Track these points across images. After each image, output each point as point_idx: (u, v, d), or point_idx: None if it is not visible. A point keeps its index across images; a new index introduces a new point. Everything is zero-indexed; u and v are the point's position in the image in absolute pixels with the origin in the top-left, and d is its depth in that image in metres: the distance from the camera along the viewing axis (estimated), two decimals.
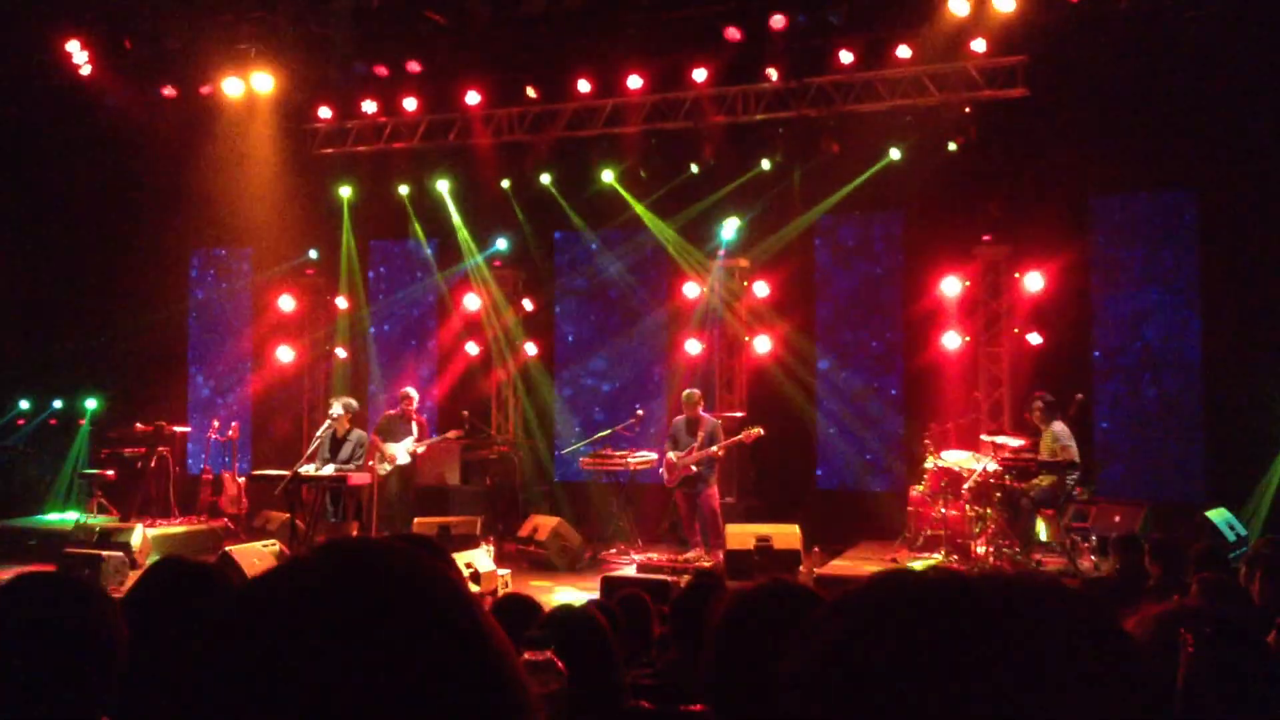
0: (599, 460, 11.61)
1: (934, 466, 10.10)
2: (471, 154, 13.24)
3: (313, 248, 14.57)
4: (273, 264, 14.72)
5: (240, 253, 15.37)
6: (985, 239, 11.72)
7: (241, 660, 0.80)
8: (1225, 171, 10.74)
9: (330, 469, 10.27)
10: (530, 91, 12.58)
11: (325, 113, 13.46)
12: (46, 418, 15.08)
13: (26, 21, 12.51)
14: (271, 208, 13.85)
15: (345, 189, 14.07)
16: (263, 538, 10.97)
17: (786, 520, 10.42)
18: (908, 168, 11.65)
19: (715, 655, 1.93)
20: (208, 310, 15.68)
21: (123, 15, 12.37)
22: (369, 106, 13.20)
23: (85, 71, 12.82)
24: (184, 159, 13.51)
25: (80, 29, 12.60)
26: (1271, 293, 10.37)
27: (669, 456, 10.80)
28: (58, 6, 12.46)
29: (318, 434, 10.55)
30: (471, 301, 13.75)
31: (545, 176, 13.13)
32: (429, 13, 11.73)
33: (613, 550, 11.52)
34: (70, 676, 1.80)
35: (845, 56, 11.29)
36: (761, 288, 12.63)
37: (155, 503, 12.86)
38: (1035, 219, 11.36)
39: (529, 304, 14.00)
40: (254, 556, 9.14)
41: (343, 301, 14.47)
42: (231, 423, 13.30)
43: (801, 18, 11.06)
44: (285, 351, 14.35)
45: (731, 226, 12.64)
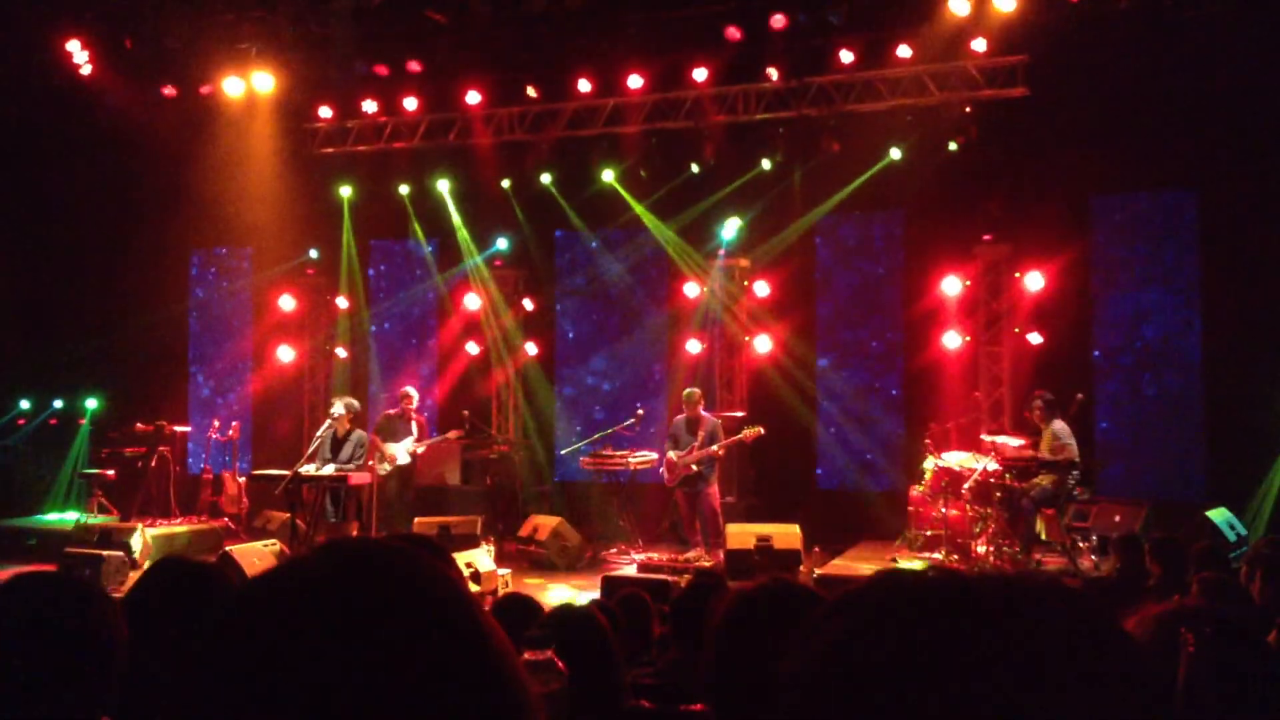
0: (599, 460, 11.61)
1: (934, 466, 10.10)
2: (472, 153, 13.25)
3: (313, 247, 14.58)
4: (273, 264, 14.73)
5: (241, 252, 15.38)
6: (986, 238, 11.73)
7: (241, 660, 0.80)
8: (1226, 171, 10.73)
9: (330, 469, 10.27)
10: (531, 91, 12.59)
11: (326, 112, 13.48)
12: (47, 417, 15.09)
13: (27, 21, 12.52)
14: (272, 207, 13.86)
15: (346, 188, 14.07)
16: (263, 537, 10.97)
17: (787, 520, 10.41)
18: (908, 167, 11.66)
19: (715, 655, 1.93)
20: (208, 310, 15.69)
21: (123, 15, 12.38)
22: (369, 106, 13.22)
23: (86, 71, 12.83)
24: (184, 159, 13.52)
25: (81, 28, 12.61)
26: (1272, 292, 10.37)
27: (669, 456, 10.80)
28: (58, 6, 12.46)
29: (318, 434, 10.55)
30: (472, 301, 13.75)
31: (546, 176, 13.13)
32: (429, 12, 11.74)
33: (613, 550, 11.52)
34: (70, 676, 1.80)
35: (846, 56, 11.30)
36: (762, 287, 12.63)
37: (156, 502, 12.87)
38: (1036, 218, 11.37)
39: (529, 304, 14.01)
40: (254, 556, 9.14)
41: (343, 301, 14.48)
42: (232, 422, 13.30)
43: (802, 17, 11.07)
44: (286, 351, 14.36)
45: (732, 226, 12.64)
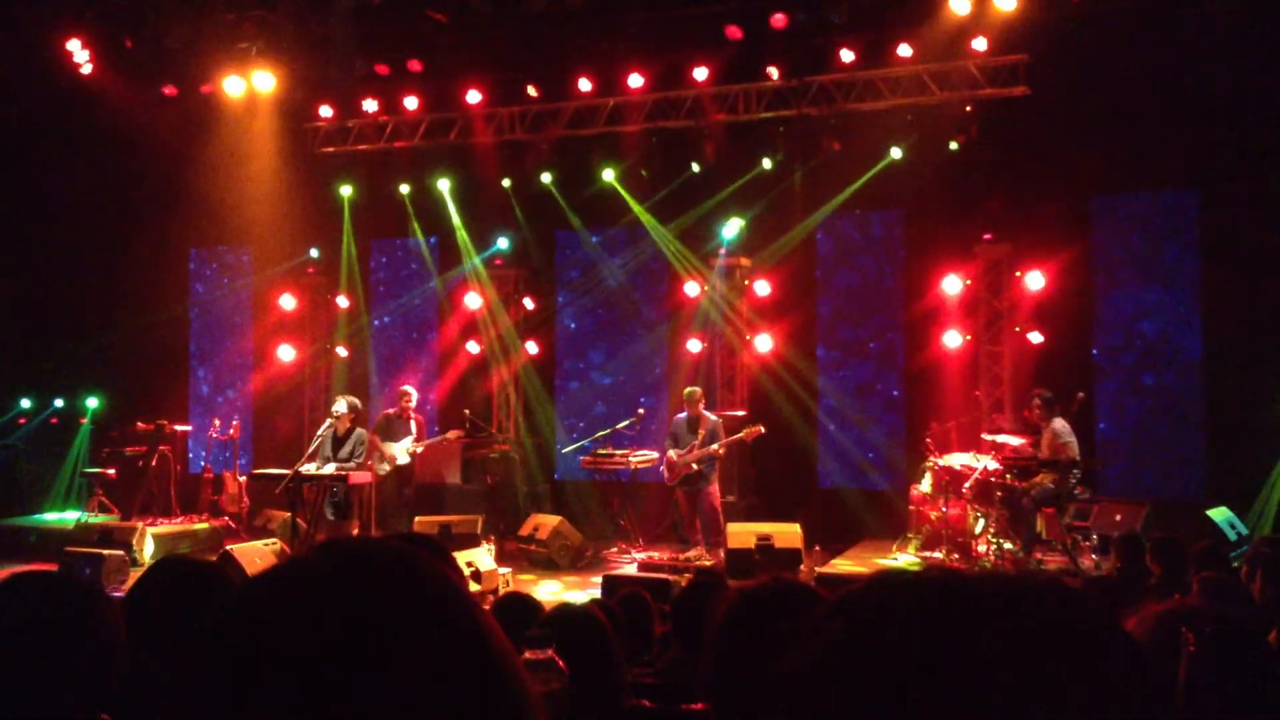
0: (600, 459, 11.60)
1: (935, 465, 10.10)
2: (472, 153, 13.24)
3: (314, 247, 14.59)
4: (274, 263, 14.73)
5: (241, 251, 15.38)
6: (986, 237, 11.73)
7: (241, 660, 0.80)
8: (1226, 170, 10.72)
9: (331, 468, 10.27)
10: (531, 90, 12.60)
11: (326, 111, 13.49)
12: (48, 417, 15.09)
13: (28, 21, 12.53)
14: (272, 207, 13.86)
15: (346, 188, 14.07)
16: (264, 536, 10.98)
17: (787, 519, 10.41)
18: (909, 166, 11.65)
19: (716, 654, 1.93)
20: (209, 309, 15.69)
21: (124, 14, 12.38)
22: (370, 105, 13.22)
23: (86, 70, 12.83)
24: (185, 158, 13.53)
25: (81, 28, 12.61)
26: (1272, 292, 10.36)
27: (670, 455, 10.79)
28: (59, 6, 12.47)
29: (319, 433, 10.55)
30: (472, 301, 13.75)
31: (546, 175, 13.12)
32: (430, 11, 11.74)
33: (614, 549, 11.52)
34: (70, 676, 1.80)
35: (846, 55, 11.30)
36: (762, 286, 12.62)
37: (156, 501, 12.88)
38: (1036, 218, 11.36)
39: (530, 303, 14.01)
40: (255, 555, 9.15)
41: (344, 300, 14.48)
42: (233, 421, 13.29)
43: (802, 16, 11.07)
44: (286, 350, 14.36)
45: (732, 225, 12.63)
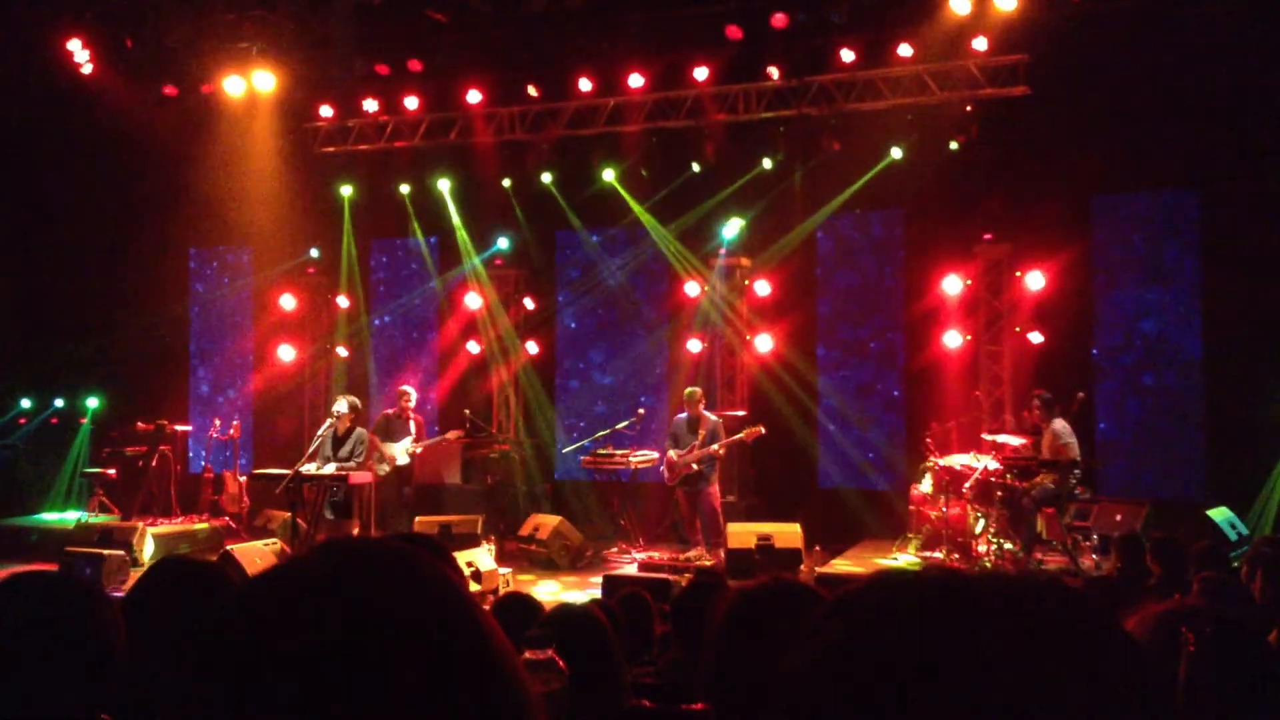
0: (600, 459, 11.61)
1: (935, 465, 10.10)
2: (472, 153, 13.25)
3: (314, 246, 14.59)
4: (274, 263, 14.73)
5: (241, 251, 15.38)
6: (986, 237, 11.73)
7: (241, 660, 0.80)
8: (1226, 170, 10.72)
9: (331, 468, 10.27)
10: (531, 90, 12.60)
11: (326, 111, 13.49)
12: (48, 417, 15.10)
13: (28, 20, 12.52)
14: (273, 206, 13.86)
15: (346, 188, 14.07)
16: (264, 536, 10.98)
17: (788, 519, 10.41)
18: (909, 166, 11.65)
19: (716, 654, 1.93)
20: (209, 309, 15.69)
21: (124, 14, 12.38)
22: (370, 105, 13.22)
23: (87, 70, 12.83)
24: (185, 158, 13.53)
25: (82, 28, 12.61)
26: (1273, 291, 10.34)
27: (670, 455, 10.79)
28: (59, 5, 12.47)
29: (319, 433, 10.55)
30: (472, 301, 13.76)
31: (546, 175, 13.12)
32: (430, 11, 11.74)
33: (614, 549, 11.52)
34: (70, 676, 1.80)
35: (846, 55, 11.30)
36: (762, 286, 12.62)
37: (157, 501, 12.88)
38: (1036, 217, 11.36)
39: (530, 303, 14.01)
40: (255, 555, 9.15)
41: (344, 300, 14.48)
42: (233, 421, 13.29)
43: (802, 16, 11.07)
44: (286, 350, 14.36)
45: (733, 225, 12.63)
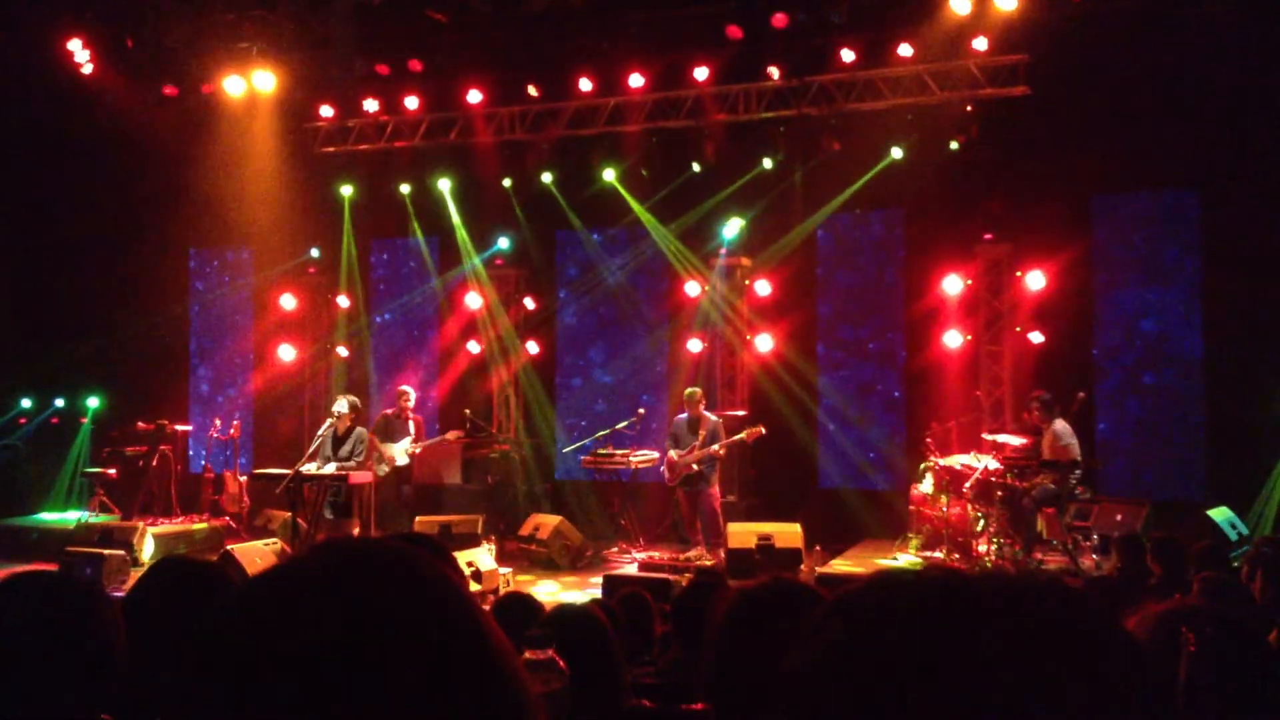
0: (600, 459, 11.61)
1: (935, 465, 10.10)
2: (473, 153, 13.24)
3: (314, 246, 14.59)
4: (274, 263, 14.73)
5: (242, 251, 15.38)
6: (986, 237, 11.73)
7: (241, 660, 0.80)
8: (1227, 170, 10.72)
9: (332, 467, 10.28)
10: (532, 90, 12.59)
11: (327, 111, 13.48)
12: (48, 416, 15.10)
13: (28, 20, 12.52)
14: (273, 206, 13.86)
15: (347, 188, 14.07)
16: (264, 536, 10.98)
17: (788, 519, 10.40)
18: (909, 166, 11.65)
19: (716, 654, 1.93)
20: (209, 309, 15.69)
21: (124, 14, 12.38)
22: (370, 105, 13.21)
23: (87, 70, 12.83)
24: (185, 158, 13.52)
25: (82, 28, 12.61)
26: (1273, 291, 10.34)
27: (670, 455, 10.80)
28: (59, 5, 12.47)
29: (319, 432, 10.55)
30: (473, 300, 13.76)
31: (547, 175, 13.12)
32: (430, 11, 11.74)
33: (614, 549, 11.51)
34: (70, 676, 1.80)
35: (847, 55, 11.30)
36: (763, 286, 12.62)
37: (157, 501, 12.88)
38: (1036, 217, 11.35)
39: (530, 303, 14.01)
40: (256, 555, 9.15)
41: (344, 300, 14.48)
42: (233, 421, 13.29)
43: (802, 16, 11.06)
44: (287, 350, 14.36)
45: (733, 225, 12.63)
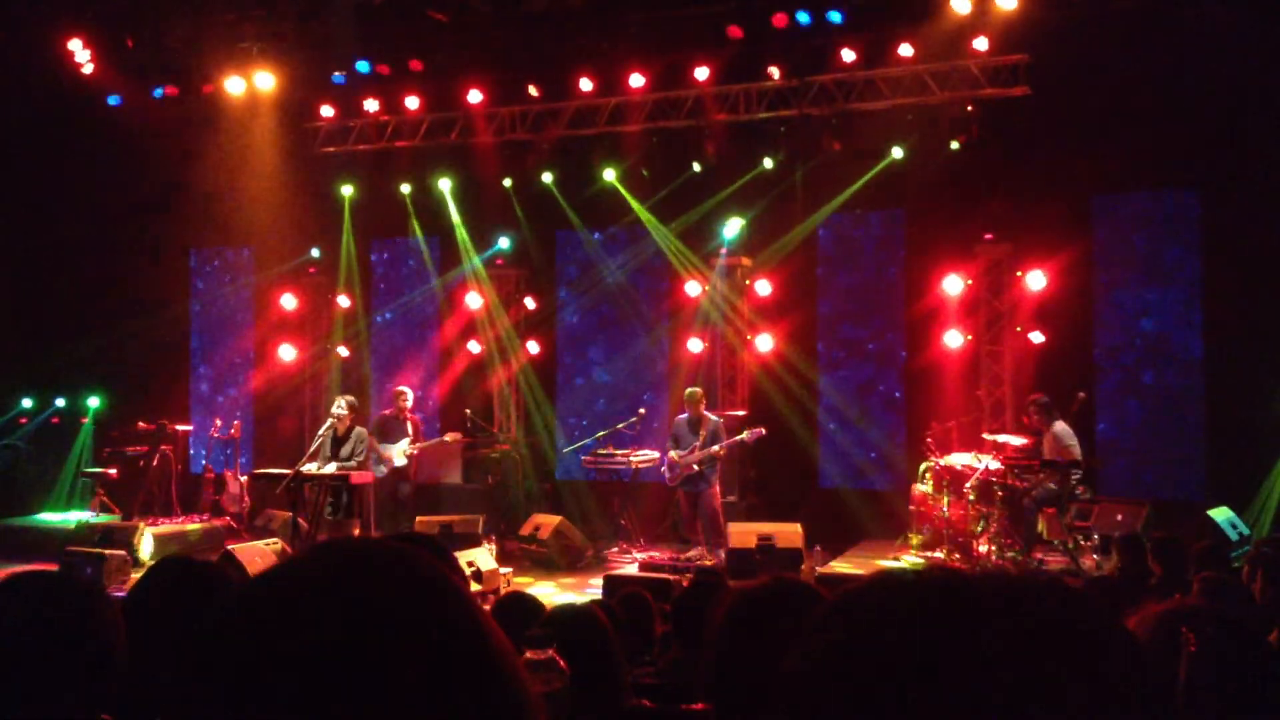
0: (601, 459, 11.61)
1: (936, 465, 10.10)
2: (473, 152, 13.24)
3: (314, 246, 14.59)
4: (275, 263, 14.73)
5: (242, 251, 15.38)
6: (987, 237, 11.72)
7: (241, 659, 0.80)
8: (1227, 170, 10.72)
9: (332, 467, 10.28)
10: (532, 90, 12.60)
11: (327, 111, 13.49)
12: (49, 416, 15.09)
13: (29, 20, 12.53)
14: (273, 206, 13.86)
15: (347, 187, 14.07)
16: (265, 536, 10.98)
17: (788, 519, 10.40)
18: (910, 166, 11.65)
19: (717, 654, 1.93)
20: (210, 309, 15.69)
21: (124, 14, 12.39)
22: (371, 105, 13.22)
23: (87, 70, 12.83)
24: (185, 158, 13.53)
25: (82, 27, 12.61)
26: (1274, 291, 10.35)
27: (671, 455, 10.80)
28: (60, 5, 12.47)
29: (319, 433, 10.56)
30: (473, 300, 13.75)
31: (547, 175, 13.12)
32: (431, 11, 11.74)
33: (615, 549, 11.51)
34: (70, 676, 1.80)
35: (847, 55, 11.30)
36: (763, 286, 12.61)
37: (157, 501, 12.88)
38: (1037, 217, 11.35)
39: (531, 303, 14.01)
40: (256, 555, 9.14)
41: (344, 300, 14.47)
42: (233, 421, 13.30)
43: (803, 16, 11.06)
44: (287, 350, 14.36)
45: (733, 225, 12.63)
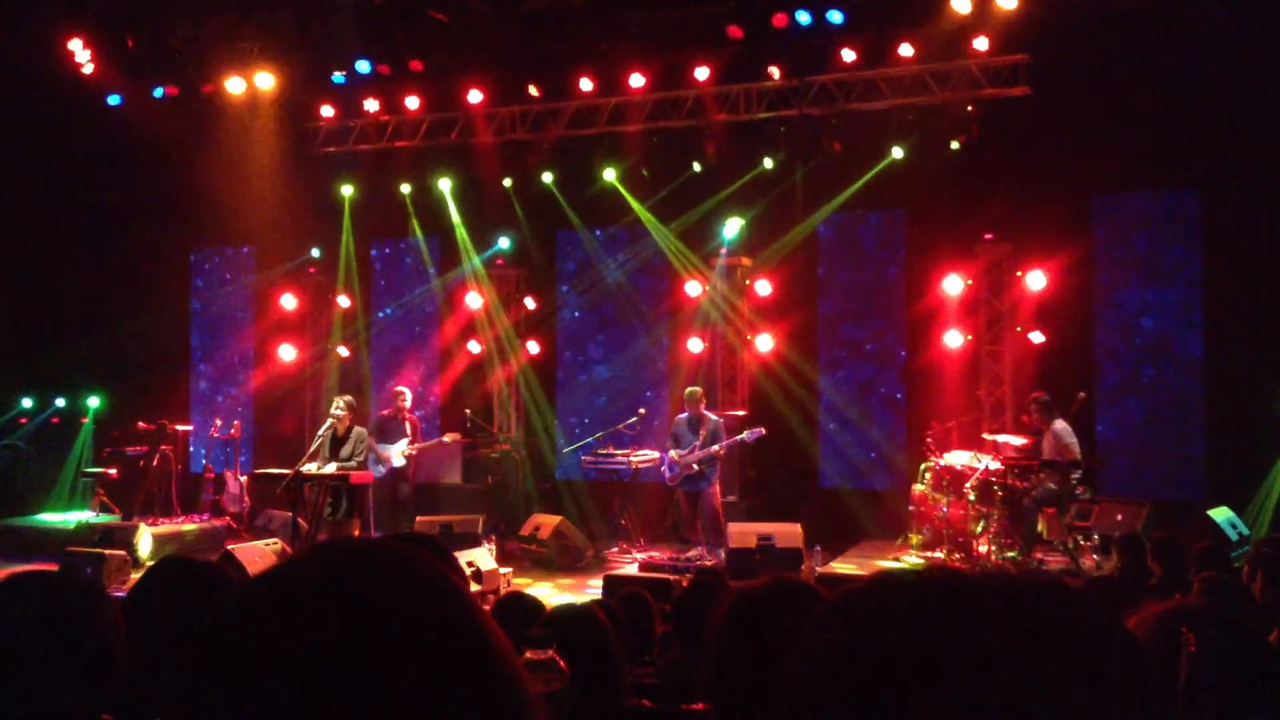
0: (601, 458, 11.61)
1: (936, 465, 10.10)
2: (473, 152, 13.24)
3: (315, 246, 14.59)
4: (275, 262, 14.73)
5: (242, 251, 15.38)
6: (987, 237, 11.72)
7: (241, 659, 0.80)
8: (1227, 170, 10.72)
9: (332, 467, 10.28)
10: (532, 90, 12.60)
11: (327, 111, 13.48)
12: (49, 416, 15.09)
13: (29, 20, 12.53)
14: (273, 206, 13.84)
15: (347, 187, 14.06)
16: (265, 536, 10.97)
17: (788, 519, 10.39)
18: (910, 166, 11.64)
19: (717, 654, 1.93)
20: (210, 309, 15.69)
21: (125, 14, 12.39)
22: (371, 105, 13.21)
23: (88, 70, 12.83)
24: (186, 158, 13.51)
25: (83, 27, 12.61)
26: (1274, 291, 10.35)
27: (671, 455, 10.80)
28: (60, 5, 12.47)
29: (319, 433, 10.56)
30: (473, 300, 13.75)
31: (547, 175, 13.12)
32: (431, 11, 11.74)
33: (615, 549, 11.51)
34: (70, 676, 1.80)
35: (847, 55, 11.29)
36: (763, 286, 12.61)
37: (157, 501, 12.87)
38: (1037, 217, 11.35)
39: (531, 303, 14.01)
40: (256, 555, 9.14)
41: (344, 300, 14.47)
42: (233, 421, 13.29)
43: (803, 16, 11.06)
44: (287, 350, 14.36)
45: (733, 225, 12.63)
